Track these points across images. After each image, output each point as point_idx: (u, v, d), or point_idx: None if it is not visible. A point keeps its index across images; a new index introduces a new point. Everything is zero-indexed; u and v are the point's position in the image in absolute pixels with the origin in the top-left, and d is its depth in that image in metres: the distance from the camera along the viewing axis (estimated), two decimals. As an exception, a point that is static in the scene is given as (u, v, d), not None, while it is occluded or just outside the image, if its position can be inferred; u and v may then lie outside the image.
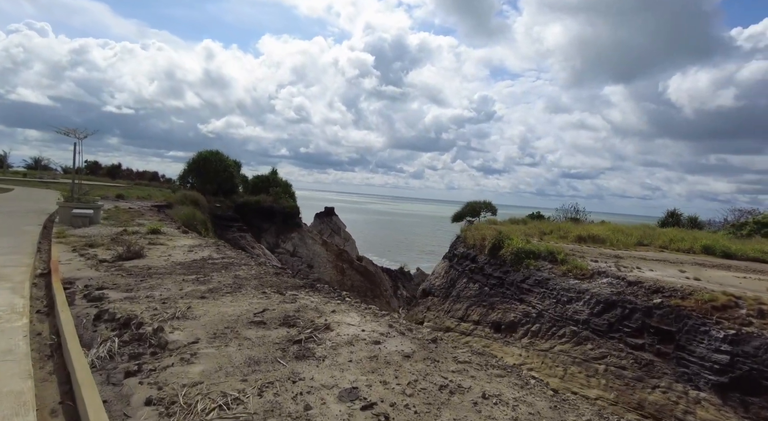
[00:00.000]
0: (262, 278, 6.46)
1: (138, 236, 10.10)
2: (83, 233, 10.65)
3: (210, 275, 6.55)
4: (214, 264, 7.40)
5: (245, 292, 5.60)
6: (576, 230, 27.74)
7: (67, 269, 6.98)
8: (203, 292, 5.59)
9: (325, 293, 5.83)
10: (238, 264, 7.45)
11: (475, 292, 22.32)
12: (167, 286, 5.89)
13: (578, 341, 16.02)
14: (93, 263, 7.37)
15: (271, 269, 7.17)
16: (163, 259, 7.91)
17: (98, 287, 5.84)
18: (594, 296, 16.50)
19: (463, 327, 21.28)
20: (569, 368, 15.57)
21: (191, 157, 36.27)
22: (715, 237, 27.03)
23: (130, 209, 19.77)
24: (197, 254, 8.46)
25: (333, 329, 4.23)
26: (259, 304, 5.09)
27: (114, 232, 10.68)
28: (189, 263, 7.46)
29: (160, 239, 9.90)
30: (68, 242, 9.24)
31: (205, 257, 8.07)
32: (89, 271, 6.89)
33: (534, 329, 17.81)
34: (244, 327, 4.36)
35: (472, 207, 37.35)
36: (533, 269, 20.19)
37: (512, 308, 19.52)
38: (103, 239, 9.56)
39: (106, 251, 8.36)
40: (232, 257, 8.21)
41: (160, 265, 7.35)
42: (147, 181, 56.02)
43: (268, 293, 5.60)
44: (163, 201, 26.68)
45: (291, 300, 5.23)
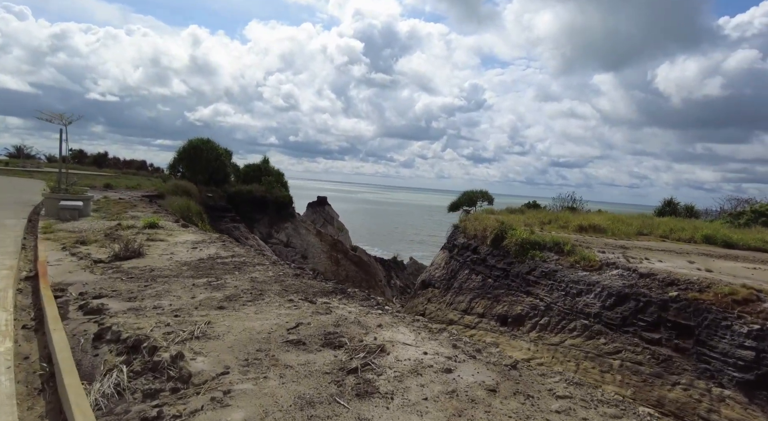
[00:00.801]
0: (283, 280, 5.62)
1: (134, 231, 9.16)
2: (73, 227, 9.67)
3: (223, 278, 5.71)
4: (224, 264, 6.55)
5: (269, 300, 4.77)
6: (576, 219, 27.23)
7: (57, 271, 6.06)
8: (220, 300, 4.76)
9: (360, 300, 5.03)
10: (251, 264, 6.61)
11: (479, 284, 21.69)
12: (177, 293, 5.04)
13: (590, 335, 15.45)
14: (87, 263, 6.47)
15: (289, 270, 6.34)
16: (165, 258, 7.03)
17: (95, 294, 4.96)
18: (605, 289, 15.93)
19: (467, 320, 20.66)
20: (582, 363, 15.01)
21: (181, 146, 34.99)
22: (715, 227, 26.73)
23: (121, 200, 18.69)
24: (202, 251, 7.59)
25: (388, 351, 3.44)
26: (290, 316, 4.28)
27: (107, 226, 9.71)
28: (196, 263, 6.60)
29: (159, 234, 8.97)
30: (57, 238, 8.29)
31: (212, 256, 7.21)
32: (83, 274, 5.99)
33: (542, 323, 17.23)
34: (281, 349, 3.55)
35: (468, 196, 36.65)
36: (539, 261, 19.58)
37: (518, 300, 18.92)
38: (95, 235, 8.62)
39: (100, 249, 7.44)
40: (242, 254, 7.35)
41: (163, 265, 6.47)
42: (135, 170, 54.39)
43: (296, 300, 4.78)
44: (154, 191, 25.56)
45: (325, 310, 4.42)
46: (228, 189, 38.00)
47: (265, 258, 7.21)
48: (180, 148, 34.56)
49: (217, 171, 36.24)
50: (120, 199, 18.87)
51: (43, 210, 12.24)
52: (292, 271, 6.30)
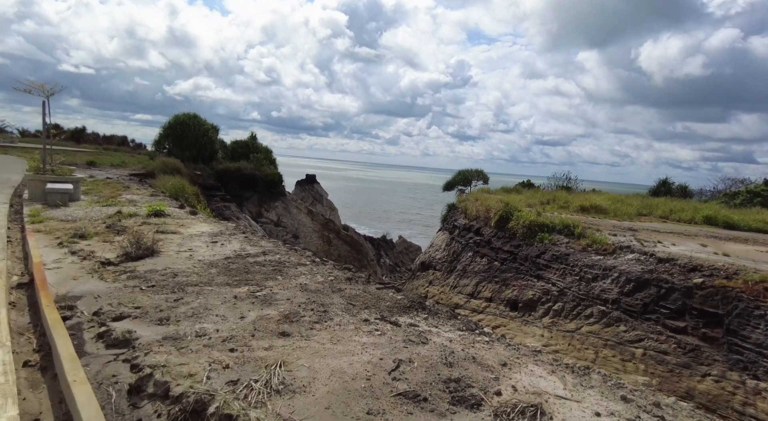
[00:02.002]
0: (340, 289, 4.56)
1: (139, 221, 7.90)
2: (65, 214, 8.36)
3: (266, 286, 4.62)
4: (258, 265, 5.44)
5: (339, 320, 3.72)
6: (576, 200, 26.62)
7: (58, 277, 4.88)
8: (278, 321, 3.69)
9: (446, 318, 4.02)
10: (290, 263, 5.51)
11: (484, 267, 20.92)
12: (218, 310, 3.95)
13: (608, 322, 14.81)
14: (93, 265, 5.28)
15: (338, 272, 5.27)
16: (185, 256, 5.88)
17: (115, 313, 3.84)
18: (623, 274, 15.25)
19: (474, 304, 19.95)
20: (601, 351, 14.39)
21: (167, 122, 33.08)
22: (714, 208, 26.41)
23: (109, 180, 17.18)
24: (225, 246, 6.44)
25: (549, 415, 2.45)
26: (378, 347, 3.26)
27: (105, 214, 8.40)
28: (224, 264, 5.47)
29: (168, 224, 7.73)
30: (49, 230, 7.02)
31: (238, 252, 6.08)
32: (91, 280, 4.82)
33: (556, 308, 16.55)
34: (397, 409, 2.53)
35: (463, 176, 35.78)
36: (549, 244, 18.83)
37: (529, 284, 18.20)
38: (95, 226, 7.36)
39: (104, 245, 6.23)
40: (273, 250, 6.23)
41: (186, 267, 5.33)
42: (115, 145, 51.83)
43: (372, 320, 3.76)
44: (141, 169, 23.94)
45: (417, 337, 3.40)
46: (215, 166, 36.39)
47: (301, 255, 6.12)
48: (166, 124, 32.68)
49: (205, 148, 34.50)
50: (108, 179, 17.34)
51: (26, 193, 10.82)
52: (341, 273, 5.24)
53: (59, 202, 9.08)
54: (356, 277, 5.15)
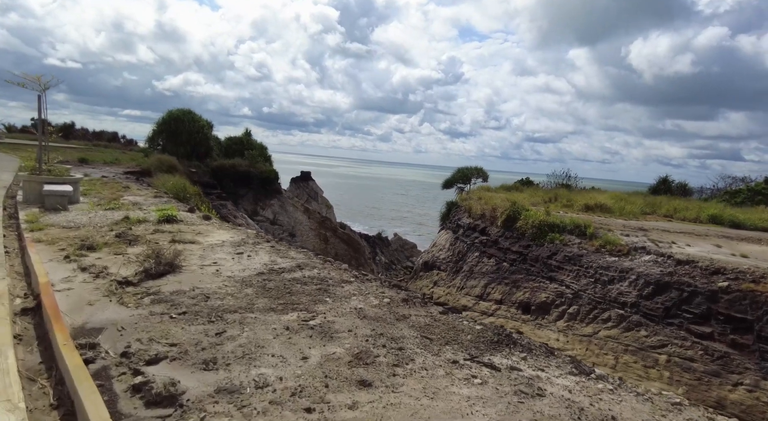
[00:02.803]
0: (403, 315, 3.85)
1: (149, 228, 7.09)
2: (66, 220, 7.53)
3: (316, 311, 3.91)
4: (298, 282, 4.72)
5: (421, 361, 3.01)
6: (580, 198, 26.18)
7: (70, 301, 4.12)
8: (349, 363, 2.99)
9: (542, 354, 3.37)
10: (333, 280, 4.79)
11: (492, 268, 20.34)
12: (272, 346, 3.24)
13: (628, 327, 14.29)
14: (108, 285, 4.52)
15: (390, 292, 4.57)
16: (211, 272, 5.13)
17: (148, 355, 3.11)
18: (641, 276, 14.73)
19: (483, 306, 19.36)
20: (621, 356, 13.86)
21: (161, 118, 32.04)
22: (719, 207, 26.15)
23: (104, 178, 16.25)
24: (253, 258, 5.70)
25: None
26: (486, 402, 2.57)
27: (111, 220, 7.56)
28: (259, 282, 4.74)
29: (183, 231, 6.93)
30: (51, 239, 6.22)
31: (270, 266, 5.34)
32: (110, 306, 4.06)
33: (571, 312, 16.01)
34: None
35: (463, 173, 35.15)
36: (560, 244, 18.28)
37: (541, 287, 17.65)
38: (102, 234, 6.54)
39: (116, 258, 5.45)
40: (307, 262, 5.51)
41: (216, 287, 4.59)
42: (106, 142, 50.38)
43: (461, 361, 3.07)
44: (136, 167, 22.95)
45: (529, 388, 2.73)
46: (210, 163, 35.43)
47: (341, 269, 5.40)
48: (159, 120, 31.63)
49: (200, 144, 33.48)
50: (104, 178, 16.40)
51: (20, 194, 9.94)
52: (393, 292, 4.55)
53: (58, 205, 8.24)
54: (412, 297, 4.46)
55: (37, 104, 9.10)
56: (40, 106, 9.13)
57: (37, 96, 10.10)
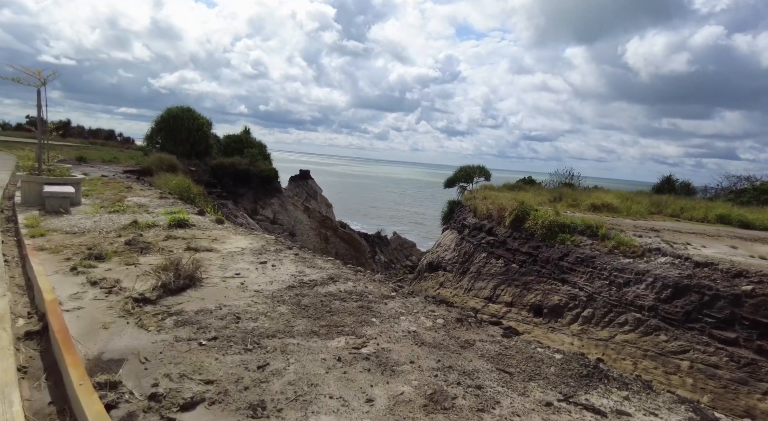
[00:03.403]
0: (467, 340, 3.33)
1: (160, 233, 6.49)
2: (69, 224, 6.93)
3: (365, 335, 3.37)
4: (335, 297, 4.18)
5: (509, 404, 2.51)
6: (587, 197, 25.78)
7: (82, 324, 3.56)
8: (424, 407, 2.46)
9: (643, 391, 2.86)
10: (373, 295, 4.24)
11: (501, 269, 19.87)
12: (326, 383, 2.70)
13: (646, 331, 13.83)
14: (123, 303, 3.95)
15: (440, 310, 4.04)
16: (235, 285, 4.58)
17: (182, 397, 2.56)
18: (658, 279, 14.28)
19: (493, 309, 18.88)
20: (640, 361, 13.40)
21: (160, 115, 31.34)
22: (727, 206, 25.84)
23: (105, 178, 15.62)
24: (278, 268, 5.14)
25: None
26: None
27: (118, 224, 6.95)
28: (291, 297, 4.19)
29: (197, 237, 6.34)
30: (54, 247, 5.64)
31: (299, 277, 4.79)
32: (128, 329, 3.51)
33: (585, 315, 15.55)
34: None
35: (465, 172, 34.68)
36: (571, 245, 17.83)
37: (553, 289, 17.19)
38: (110, 241, 5.95)
39: (127, 269, 4.88)
40: (338, 274, 4.96)
41: (245, 303, 4.04)
42: (102, 140, 49.55)
43: (555, 403, 2.55)
44: (136, 165, 22.27)
45: None
46: (209, 162, 34.81)
47: (376, 281, 4.86)
48: (158, 118, 30.93)
49: (199, 142, 32.79)
50: (104, 177, 15.77)
51: (18, 195, 9.32)
52: (444, 311, 4.02)
53: (60, 208, 7.64)
54: (465, 316, 3.94)
55: (36, 100, 8.49)
56: (39, 102, 8.52)
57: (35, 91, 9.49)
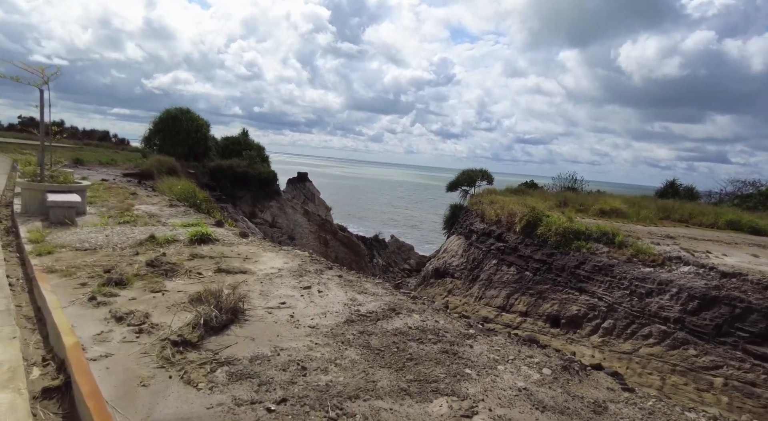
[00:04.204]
0: (594, 401, 2.69)
1: (182, 250, 5.71)
2: (79, 239, 6.13)
3: (467, 395, 2.68)
4: (406, 336, 3.47)
5: None
6: (593, 202, 25.28)
7: (115, 382, 2.82)
8: None
9: None
10: (450, 333, 3.55)
11: (514, 277, 19.24)
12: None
13: (673, 344, 13.24)
14: (159, 347, 3.23)
15: (538, 354, 3.37)
16: (284, 318, 3.85)
17: None
18: (683, 289, 13.71)
19: (507, 318, 18.24)
20: (668, 377, 12.80)
21: (158, 116, 30.45)
22: (737, 212, 25.48)
23: (106, 182, 14.79)
24: (326, 295, 4.42)
25: None
26: None
27: (132, 239, 6.13)
28: (354, 335, 3.46)
29: (226, 256, 5.54)
30: (65, 268, 4.87)
31: (353, 308, 4.07)
32: (172, 386, 2.78)
33: (606, 326, 14.95)
34: None
35: (468, 175, 34.05)
36: (587, 253, 17.25)
37: (571, 298, 16.58)
38: (128, 260, 5.17)
39: (153, 297, 4.13)
40: (396, 302, 4.26)
41: (303, 345, 3.32)
42: (96, 141, 48.44)
43: None
44: (135, 168, 21.41)
45: None
46: (207, 164, 33.97)
47: (445, 313, 4.18)
48: (156, 119, 30.04)
49: (198, 144, 31.91)
50: (104, 181, 14.92)
51: (17, 203, 8.51)
52: (544, 356, 3.36)
53: (66, 219, 6.86)
54: (569, 362, 3.28)
55: (39, 100, 7.70)
56: (42, 102, 7.72)
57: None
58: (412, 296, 4.72)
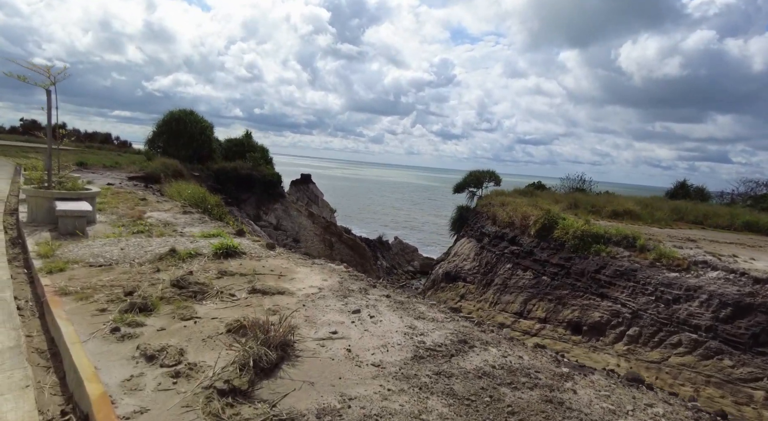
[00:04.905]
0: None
1: (208, 266, 5.08)
2: (92, 253, 5.51)
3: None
4: (494, 379, 2.88)
5: None
6: (607, 204, 24.70)
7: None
8: None
9: None
10: (541, 372, 2.98)
11: (530, 282, 18.62)
12: None
13: (706, 354, 12.62)
14: (204, 397, 2.62)
15: (660, 404, 2.79)
16: (342, 354, 3.24)
17: None
18: (714, 296, 13.11)
19: (525, 325, 17.62)
20: (703, 389, 12.17)
21: (162, 118, 29.82)
22: (755, 214, 24.88)
23: (111, 186, 14.17)
24: (380, 322, 3.81)
25: None
26: None
27: (151, 253, 5.47)
28: (430, 377, 2.87)
29: (258, 273, 4.88)
30: (80, 289, 4.26)
31: (417, 339, 3.48)
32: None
33: (631, 333, 14.34)
34: None
35: (475, 177, 33.43)
36: (607, 257, 16.64)
37: (592, 304, 15.96)
38: (148, 277, 4.54)
39: (184, 326, 3.51)
40: (463, 330, 3.67)
41: (377, 395, 2.72)
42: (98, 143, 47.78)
43: None
44: (140, 171, 20.77)
45: None
46: (211, 166, 33.38)
47: (520, 345, 3.59)
48: (160, 121, 29.41)
49: (202, 146, 31.28)
50: (110, 185, 14.30)
51: (22, 210, 7.89)
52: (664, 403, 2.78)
53: (77, 230, 6.24)
54: (697, 412, 2.69)
55: (47, 102, 7.08)
56: (49, 104, 7.11)
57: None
58: (476, 321, 4.12)
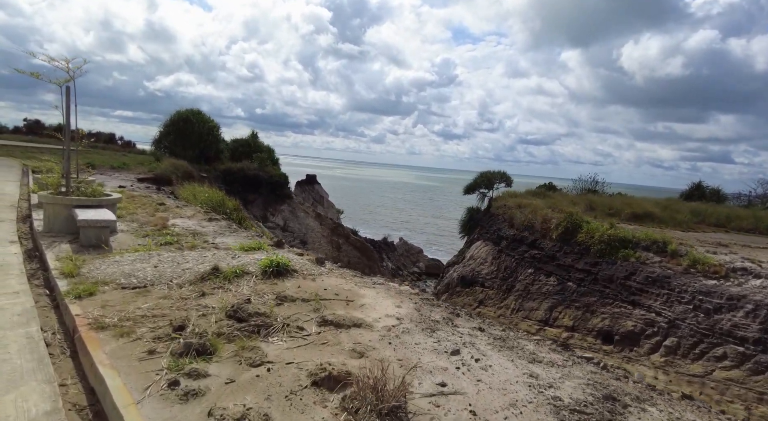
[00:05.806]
0: None
1: (261, 289, 4.32)
2: (120, 269, 4.72)
3: None
4: None
5: None
6: (625, 206, 23.96)
7: None
8: None
9: None
10: None
11: (554, 288, 17.85)
12: None
13: (756, 369, 11.84)
14: None
15: None
16: (465, 419, 2.53)
17: None
18: (761, 306, 12.34)
19: (552, 333, 16.86)
20: (755, 406, 11.39)
21: (169, 118, 29.03)
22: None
23: (123, 189, 13.39)
24: (487, 366, 3.05)
25: None
26: None
27: (190, 271, 4.68)
28: None
29: (323, 298, 4.09)
30: (120, 325, 3.48)
31: (545, 394, 2.77)
32: None
33: (669, 344, 13.57)
34: None
35: (486, 178, 32.61)
36: (636, 262, 15.91)
37: (624, 312, 15.20)
38: (192, 303, 3.76)
39: (256, 376, 2.79)
40: (591, 378, 2.97)
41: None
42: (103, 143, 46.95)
43: None
44: (148, 172, 19.99)
45: None
46: (218, 167, 32.67)
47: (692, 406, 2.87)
48: (167, 121, 28.62)
49: (209, 146, 30.49)
50: (121, 187, 13.52)
51: (36, 217, 7.11)
52: None
53: (102, 243, 5.45)
54: None
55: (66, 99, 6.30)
56: (68, 102, 6.32)
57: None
58: (598, 363, 3.38)
